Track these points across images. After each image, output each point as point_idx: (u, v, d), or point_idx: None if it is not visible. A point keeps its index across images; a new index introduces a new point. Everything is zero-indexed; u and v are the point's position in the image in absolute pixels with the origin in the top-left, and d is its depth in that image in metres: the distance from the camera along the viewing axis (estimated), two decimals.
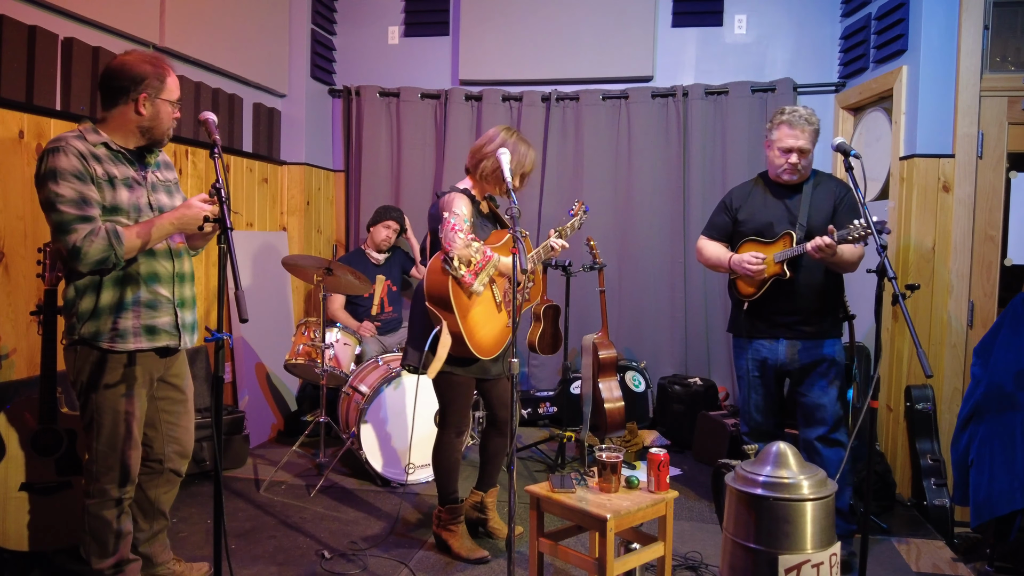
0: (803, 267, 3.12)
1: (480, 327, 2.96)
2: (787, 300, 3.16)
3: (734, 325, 3.39)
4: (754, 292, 3.21)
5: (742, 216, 3.32)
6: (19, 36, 3.11)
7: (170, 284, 2.55)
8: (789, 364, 3.21)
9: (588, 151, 5.23)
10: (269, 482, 3.96)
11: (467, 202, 3.01)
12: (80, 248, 2.27)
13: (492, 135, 3.09)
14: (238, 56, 4.57)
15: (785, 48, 5.04)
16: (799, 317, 3.17)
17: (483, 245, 2.95)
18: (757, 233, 3.24)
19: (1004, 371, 3.07)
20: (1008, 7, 3.69)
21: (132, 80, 2.42)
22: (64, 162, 2.29)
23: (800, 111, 3.15)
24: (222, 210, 2.21)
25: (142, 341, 2.46)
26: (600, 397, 4.17)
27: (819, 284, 3.16)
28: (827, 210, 3.15)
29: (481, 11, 5.27)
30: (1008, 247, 3.71)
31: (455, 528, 3.17)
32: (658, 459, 2.65)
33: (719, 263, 3.33)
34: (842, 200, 3.17)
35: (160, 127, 2.50)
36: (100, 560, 2.51)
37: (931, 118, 3.79)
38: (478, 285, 2.89)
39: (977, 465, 3.12)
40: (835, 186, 3.23)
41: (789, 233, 3.10)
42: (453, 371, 3.01)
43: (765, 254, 3.14)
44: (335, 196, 5.69)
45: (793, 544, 2.20)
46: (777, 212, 3.22)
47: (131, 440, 2.49)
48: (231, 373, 4.59)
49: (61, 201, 2.27)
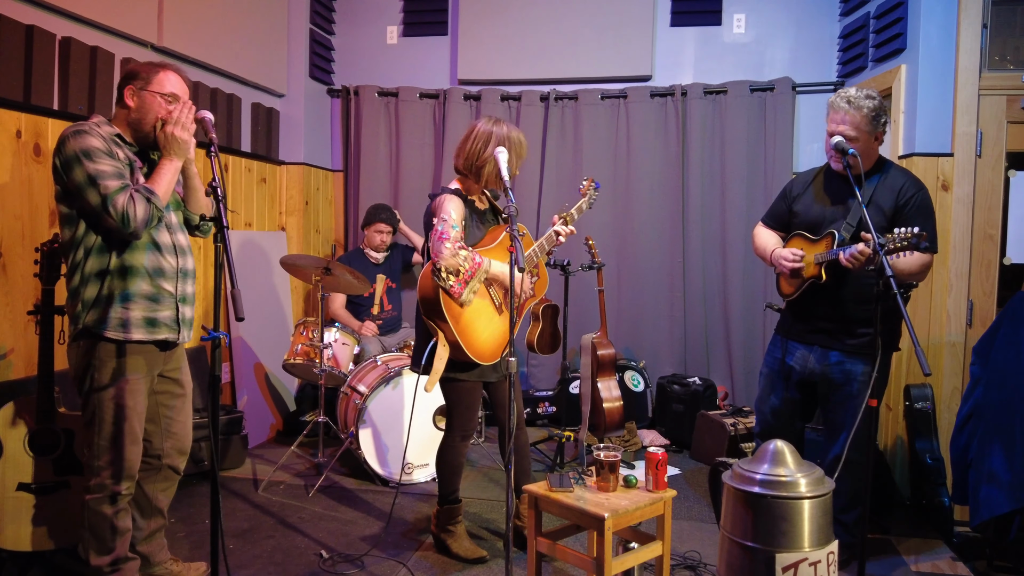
0: (849, 273, 2.78)
1: (478, 332, 2.93)
2: (827, 307, 2.91)
3: (779, 322, 3.20)
4: (792, 292, 2.99)
5: (797, 207, 3.05)
6: (17, 35, 3.10)
7: (173, 279, 2.58)
8: (818, 375, 2.99)
9: (587, 151, 5.22)
10: (267, 482, 3.96)
11: (457, 204, 2.94)
12: (128, 213, 2.33)
13: (480, 132, 2.97)
14: (236, 56, 4.57)
15: (784, 47, 5.04)
16: (839, 327, 2.91)
17: (472, 252, 2.88)
18: (807, 227, 2.97)
19: (1003, 370, 3.06)
20: (1007, 6, 3.69)
21: (125, 76, 2.53)
22: (94, 142, 2.38)
23: (847, 92, 2.83)
24: (218, 209, 2.21)
25: (142, 332, 2.49)
26: (599, 397, 4.16)
27: (861, 295, 2.82)
28: (888, 210, 2.81)
29: (480, 11, 5.27)
30: (1007, 246, 3.71)
31: (453, 529, 3.17)
32: (656, 458, 2.65)
33: (763, 254, 3.08)
34: (909, 201, 2.81)
35: (146, 119, 2.51)
36: (98, 557, 2.51)
37: (930, 117, 3.78)
38: (467, 295, 2.86)
39: (976, 464, 3.11)
40: (905, 183, 2.85)
41: (832, 233, 2.82)
42: (458, 376, 2.99)
43: (807, 252, 2.89)
44: (334, 196, 5.69)
45: (790, 542, 2.20)
46: (831, 207, 2.92)
47: (132, 435, 2.51)
48: (230, 373, 4.59)
49: (102, 176, 2.34)
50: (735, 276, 5.03)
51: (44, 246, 2.79)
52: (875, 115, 2.82)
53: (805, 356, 3.04)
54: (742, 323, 5.01)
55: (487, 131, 2.96)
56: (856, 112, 2.80)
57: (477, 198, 3.10)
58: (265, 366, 4.86)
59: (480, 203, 3.12)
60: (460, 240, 2.88)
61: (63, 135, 2.39)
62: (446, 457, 3.13)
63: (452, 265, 2.81)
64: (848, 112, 2.81)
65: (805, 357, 3.04)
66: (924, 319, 3.80)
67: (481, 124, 3.00)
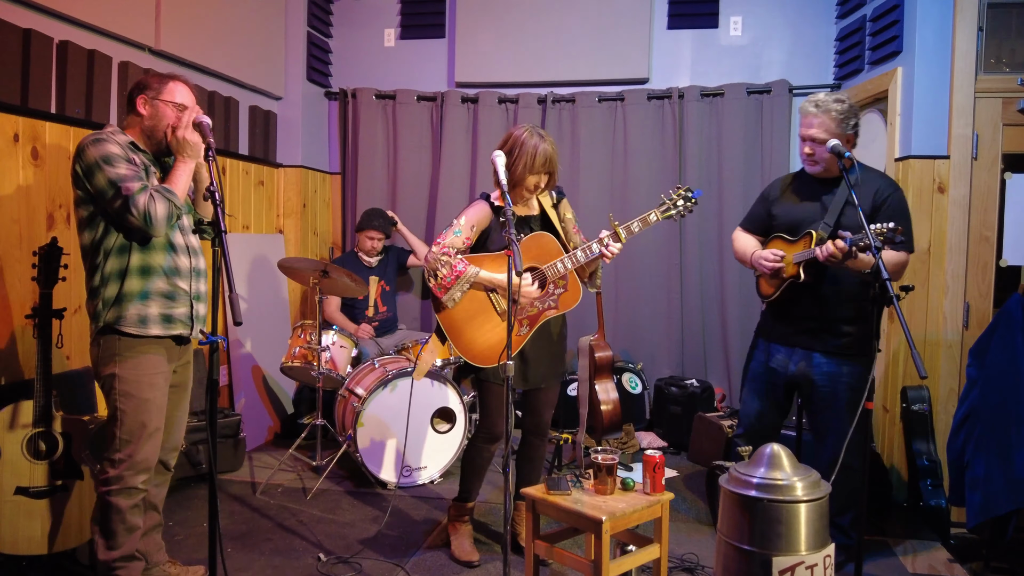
0: (829, 273, 2.86)
1: (470, 333, 2.96)
2: (808, 306, 2.95)
3: (760, 323, 3.25)
4: (772, 292, 3.03)
5: (776, 210, 3.11)
6: (14, 39, 3.11)
7: (188, 278, 2.67)
8: (801, 378, 3.01)
9: (584, 153, 5.23)
10: (265, 485, 3.95)
11: (475, 211, 3.01)
12: (150, 212, 2.42)
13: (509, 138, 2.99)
14: (234, 59, 4.57)
15: (780, 50, 5.05)
16: (820, 327, 2.95)
17: (459, 260, 2.90)
18: (786, 229, 3.02)
19: (1000, 372, 3.07)
20: (1002, 8, 3.70)
21: (136, 86, 2.62)
22: (113, 148, 2.49)
23: (816, 97, 2.90)
24: (216, 213, 2.24)
25: (159, 328, 2.58)
26: (596, 399, 4.16)
27: (850, 294, 2.88)
28: (865, 210, 2.78)
29: (477, 14, 5.28)
30: (1003, 248, 3.72)
31: (459, 526, 3.21)
32: (654, 461, 2.65)
33: (743, 257, 3.12)
34: (885, 200, 2.88)
35: (159, 126, 2.60)
36: (107, 552, 2.54)
37: (926, 119, 3.79)
38: (448, 299, 2.91)
39: (973, 466, 3.12)
40: (880, 184, 2.93)
41: (810, 233, 2.87)
42: (490, 379, 3.04)
43: (787, 252, 2.94)
44: (331, 199, 5.69)
45: (787, 546, 2.20)
46: (809, 208, 2.98)
47: (151, 428, 2.58)
48: (227, 376, 4.59)
49: (123, 179, 2.44)
50: (732, 278, 5.03)
51: (41, 250, 2.79)
52: (843, 118, 2.87)
53: (787, 358, 3.06)
54: (739, 325, 5.02)
55: (511, 135, 2.98)
56: (825, 115, 2.86)
57: (517, 204, 3.09)
58: (263, 369, 4.85)
59: (521, 210, 3.10)
60: (460, 247, 2.95)
61: (82, 143, 2.50)
62: (469, 456, 3.19)
63: (430, 267, 2.91)
64: (817, 115, 2.87)
65: (787, 359, 3.06)
66: (920, 321, 3.81)
67: (514, 130, 3.00)
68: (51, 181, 3.27)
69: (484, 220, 3.02)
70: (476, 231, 3.03)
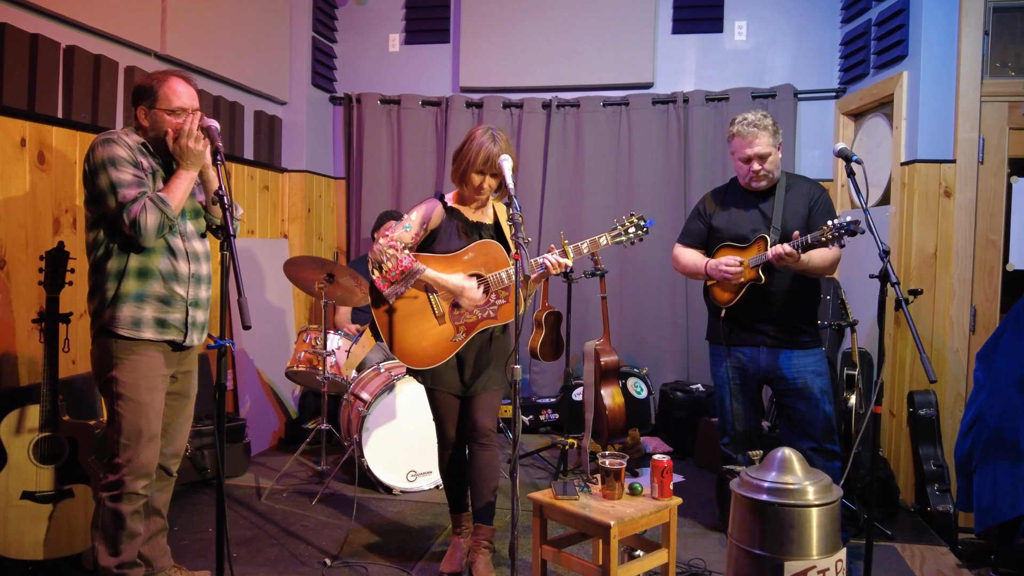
0: (777, 272, 3.09)
1: (405, 333, 2.93)
2: (765, 306, 3.15)
3: (712, 333, 3.38)
4: (731, 298, 3.17)
5: (717, 222, 3.30)
6: (21, 44, 3.11)
7: (186, 284, 2.64)
8: (771, 372, 3.19)
9: (589, 158, 5.23)
10: (270, 490, 3.95)
11: (426, 209, 2.95)
12: (140, 223, 2.43)
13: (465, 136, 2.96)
14: (239, 64, 4.58)
15: (785, 54, 5.05)
16: (777, 324, 3.16)
17: (406, 255, 2.86)
18: (733, 239, 3.21)
19: (1007, 376, 3.06)
20: (1008, 12, 3.70)
21: (135, 94, 2.62)
22: (120, 151, 2.49)
23: (749, 117, 3.11)
24: (225, 217, 2.24)
25: (152, 332, 2.57)
26: (602, 404, 4.16)
27: (793, 291, 3.14)
28: (802, 212, 3.12)
29: (481, 18, 5.29)
30: (1010, 252, 3.71)
31: (454, 538, 3.14)
32: (661, 465, 2.65)
33: (696, 270, 3.29)
34: (816, 202, 3.14)
35: (160, 136, 2.59)
36: (108, 558, 2.53)
37: (932, 123, 3.79)
38: (390, 293, 2.89)
39: (981, 470, 3.11)
40: (809, 188, 3.19)
41: (764, 237, 3.07)
42: (436, 387, 3.01)
43: (742, 258, 3.11)
44: (336, 203, 5.69)
45: (799, 550, 2.20)
46: (752, 216, 3.19)
47: (149, 432, 2.56)
48: (232, 380, 4.59)
49: (122, 184, 2.45)
50: None
51: (48, 254, 2.80)
52: (775, 130, 3.13)
53: (754, 357, 3.22)
54: None
55: (469, 132, 2.94)
56: (763, 132, 3.08)
57: (471, 208, 3.02)
58: (267, 373, 4.85)
59: (474, 215, 3.01)
60: (409, 242, 2.91)
61: (93, 143, 2.51)
62: (440, 467, 3.15)
63: (375, 258, 2.88)
64: (758, 134, 3.08)
65: (754, 358, 3.22)
66: (927, 325, 3.80)
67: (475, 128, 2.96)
68: (57, 186, 3.28)
69: (436, 219, 2.96)
70: (427, 229, 2.97)
